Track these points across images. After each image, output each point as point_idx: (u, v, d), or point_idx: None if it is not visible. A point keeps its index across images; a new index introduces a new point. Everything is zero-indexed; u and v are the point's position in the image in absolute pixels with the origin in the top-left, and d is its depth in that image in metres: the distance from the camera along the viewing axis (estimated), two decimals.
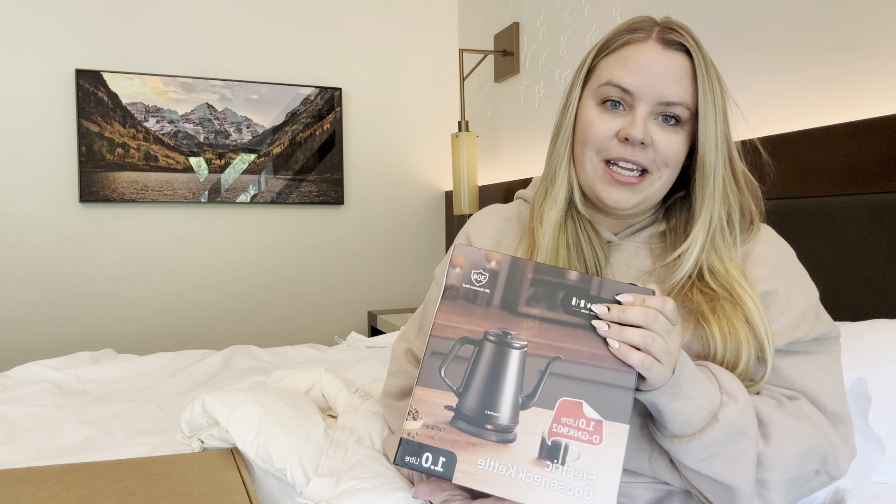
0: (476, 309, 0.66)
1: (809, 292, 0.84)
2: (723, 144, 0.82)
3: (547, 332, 0.66)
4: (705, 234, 0.81)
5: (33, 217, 2.59)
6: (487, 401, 0.64)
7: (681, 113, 0.81)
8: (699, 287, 0.81)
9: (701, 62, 0.80)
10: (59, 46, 2.59)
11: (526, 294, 0.67)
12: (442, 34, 3.19)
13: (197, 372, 1.78)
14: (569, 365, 0.65)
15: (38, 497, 0.86)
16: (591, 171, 0.85)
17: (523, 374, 0.65)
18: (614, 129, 0.82)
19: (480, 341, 0.66)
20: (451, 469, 0.63)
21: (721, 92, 0.82)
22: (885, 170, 1.26)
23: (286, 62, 2.93)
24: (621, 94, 0.82)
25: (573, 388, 0.65)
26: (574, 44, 2.34)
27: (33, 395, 1.55)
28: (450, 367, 0.65)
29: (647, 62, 0.80)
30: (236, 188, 2.84)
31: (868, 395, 0.95)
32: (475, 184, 2.66)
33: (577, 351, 0.65)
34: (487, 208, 1.02)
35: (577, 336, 0.66)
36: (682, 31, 0.82)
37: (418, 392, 0.65)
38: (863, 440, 0.92)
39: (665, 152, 0.81)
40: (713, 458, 0.71)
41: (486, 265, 0.68)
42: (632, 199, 0.83)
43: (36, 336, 2.62)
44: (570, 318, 0.66)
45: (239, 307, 2.90)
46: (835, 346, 0.84)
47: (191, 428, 1.10)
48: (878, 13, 1.32)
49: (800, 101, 1.50)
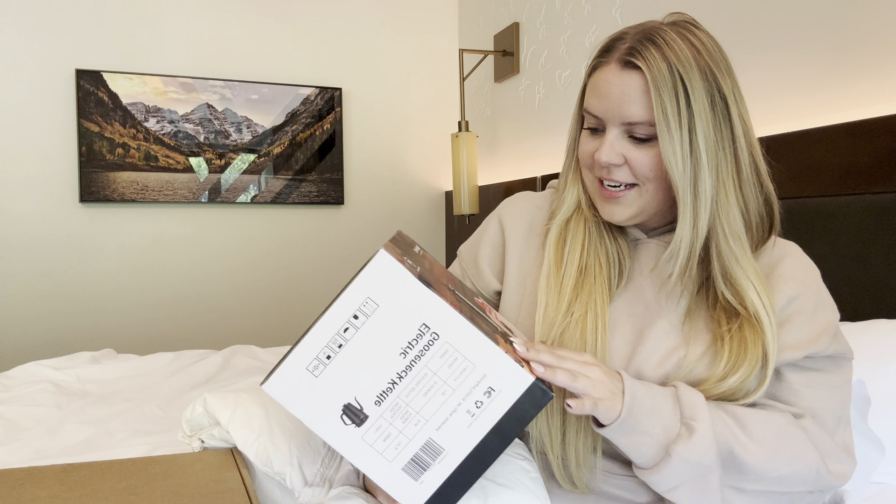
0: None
1: (831, 311, 0.84)
2: (708, 153, 0.78)
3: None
4: (689, 243, 0.80)
5: (33, 217, 2.59)
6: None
7: (646, 130, 0.79)
8: (723, 305, 0.82)
9: (657, 78, 0.76)
10: (59, 46, 2.59)
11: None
12: (442, 34, 3.19)
13: (197, 372, 1.79)
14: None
15: (38, 497, 0.86)
16: (590, 186, 0.88)
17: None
18: (592, 150, 0.85)
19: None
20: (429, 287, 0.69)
21: (704, 98, 0.77)
22: (885, 170, 1.26)
23: (286, 62, 2.93)
24: (595, 120, 0.84)
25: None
26: (574, 44, 2.34)
27: (33, 395, 1.55)
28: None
29: (606, 87, 0.81)
30: (236, 188, 2.84)
31: (867, 397, 0.95)
32: (475, 184, 2.66)
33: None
34: (520, 195, 1.02)
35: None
36: (649, 44, 0.78)
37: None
38: (862, 441, 0.92)
39: (639, 168, 0.81)
40: (679, 487, 0.74)
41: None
42: (624, 213, 0.84)
43: (36, 336, 2.62)
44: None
45: (239, 307, 2.90)
46: (848, 367, 0.84)
47: (192, 427, 1.10)
48: (877, 13, 1.32)
49: (799, 101, 1.50)
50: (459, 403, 0.66)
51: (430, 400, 0.66)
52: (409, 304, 0.66)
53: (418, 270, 0.69)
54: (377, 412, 0.67)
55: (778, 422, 0.77)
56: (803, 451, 0.76)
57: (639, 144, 0.81)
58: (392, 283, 0.66)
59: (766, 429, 0.76)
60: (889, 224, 1.24)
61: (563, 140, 2.43)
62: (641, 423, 0.72)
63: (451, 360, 0.66)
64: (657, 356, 0.82)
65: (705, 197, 0.79)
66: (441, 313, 0.66)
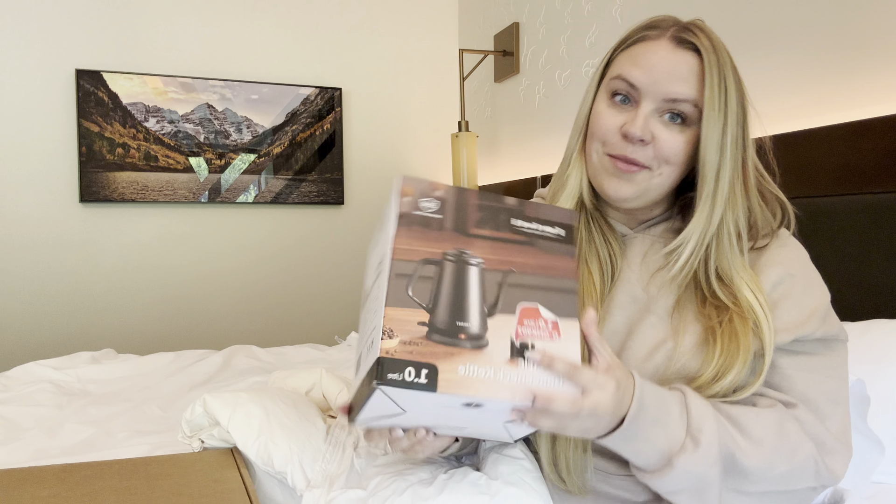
0: (431, 233, 0.71)
1: (820, 293, 0.83)
2: (733, 148, 0.81)
3: (498, 249, 0.72)
4: (700, 234, 0.81)
5: (33, 217, 2.59)
6: (457, 313, 0.69)
7: (687, 110, 0.81)
8: (713, 302, 0.81)
9: (712, 62, 0.80)
10: (59, 46, 2.59)
11: (474, 218, 0.73)
12: (442, 34, 3.19)
13: (197, 372, 1.79)
14: (521, 276, 0.72)
15: (38, 497, 0.86)
16: (597, 161, 0.86)
17: (484, 287, 0.71)
18: (619, 123, 0.83)
19: (441, 261, 0.71)
20: (433, 380, 0.65)
21: (736, 94, 0.81)
22: (885, 170, 1.26)
23: (286, 62, 2.93)
24: (628, 89, 0.82)
25: (528, 294, 0.71)
26: (574, 44, 2.34)
27: (33, 395, 1.55)
28: (416, 286, 0.69)
29: (655, 59, 0.81)
30: (236, 188, 2.84)
31: (867, 396, 0.95)
32: (475, 184, 2.66)
33: (525, 264, 0.72)
34: None
35: (523, 251, 0.73)
36: (698, 31, 0.82)
37: (389, 312, 0.68)
38: (862, 441, 0.92)
39: (665, 150, 0.81)
40: (679, 493, 0.73)
41: (433, 193, 0.73)
42: (630, 191, 0.83)
43: (36, 336, 2.62)
44: (514, 236, 0.73)
45: (239, 307, 2.90)
46: (841, 349, 0.83)
47: (192, 428, 1.10)
48: (877, 12, 1.32)
49: (800, 101, 1.50)
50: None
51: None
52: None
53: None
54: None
55: (772, 418, 0.76)
56: (799, 445, 0.75)
57: (669, 125, 0.81)
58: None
59: (762, 428, 0.75)
60: (889, 224, 1.24)
61: (563, 140, 2.43)
62: (643, 432, 0.71)
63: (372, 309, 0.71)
64: (645, 349, 0.82)
65: (723, 190, 0.81)
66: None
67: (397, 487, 0.82)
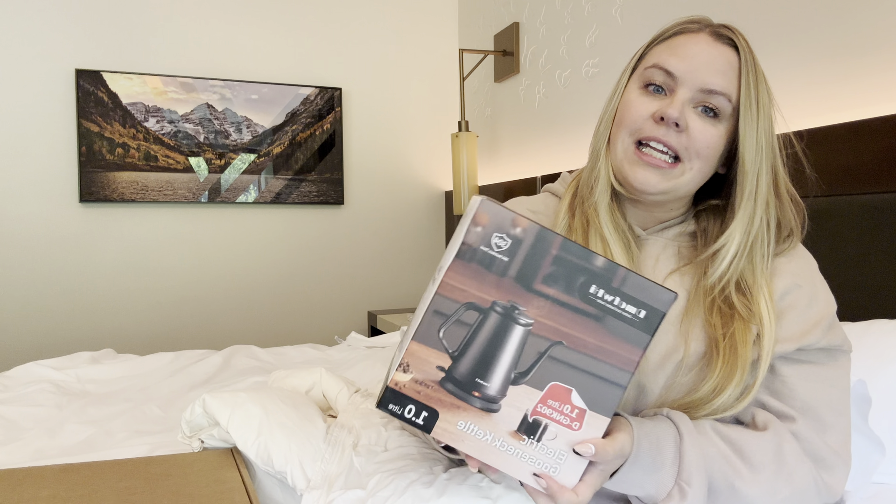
0: (489, 276, 0.63)
1: (825, 304, 0.83)
2: (767, 149, 0.81)
3: (557, 315, 0.64)
4: (743, 234, 0.80)
5: (33, 217, 2.59)
6: (480, 370, 0.64)
7: (721, 104, 0.80)
8: (720, 305, 0.81)
9: (749, 60, 0.80)
10: (59, 46, 2.59)
11: (545, 271, 0.63)
12: (442, 34, 3.19)
13: (197, 372, 1.79)
14: (570, 352, 0.64)
15: (38, 497, 0.86)
16: (622, 151, 0.84)
17: (521, 352, 0.64)
18: (651, 110, 0.81)
19: (487, 310, 0.63)
20: (431, 424, 0.64)
21: (767, 96, 0.81)
22: (885, 170, 1.26)
23: (286, 62, 2.93)
24: (665, 78, 0.82)
25: (567, 374, 0.65)
26: (574, 44, 2.34)
27: (33, 395, 1.55)
28: (450, 329, 0.64)
29: (695, 49, 0.81)
30: (236, 188, 2.84)
31: (868, 397, 0.95)
32: (475, 184, 2.66)
33: (582, 340, 0.64)
34: (513, 200, 1.01)
35: (585, 325, 0.64)
36: (735, 31, 0.83)
37: (413, 346, 0.64)
38: (863, 441, 0.92)
39: (699, 141, 0.80)
40: None
41: (510, 230, 0.63)
42: (659, 184, 0.81)
43: (36, 336, 2.62)
44: (584, 305, 0.64)
45: (239, 307, 2.90)
46: (845, 360, 0.82)
47: (191, 428, 1.10)
48: (877, 13, 1.32)
49: (800, 101, 1.50)
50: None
51: None
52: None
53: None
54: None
55: (771, 440, 0.76)
56: (798, 466, 0.75)
57: (703, 117, 0.81)
58: None
59: (763, 453, 0.75)
60: (889, 224, 1.24)
61: (563, 140, 2.43)
62: (632, 477, 0.72)
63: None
64: (657, 356, 0.81)
65: (763, 191, 0.80)
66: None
67: (397, 487, 0.82)
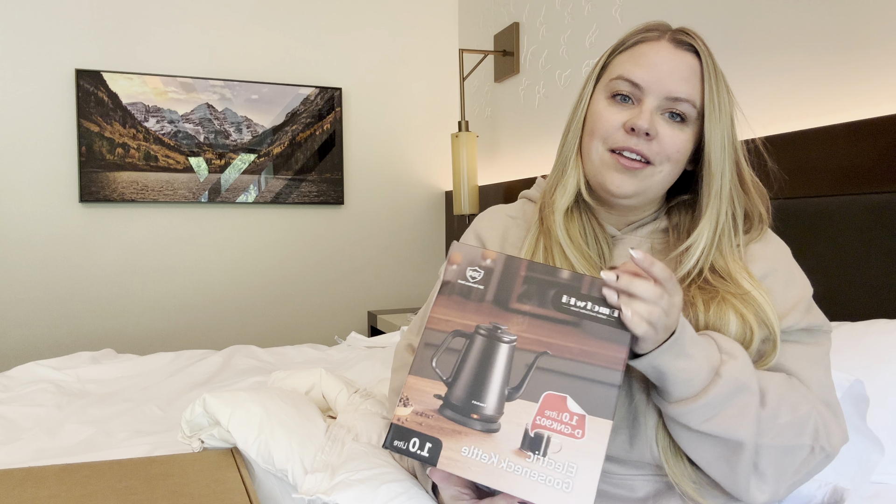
0: (469, 304, 0.69)
1: (802, 287, 0.86)
2: (729, 147, 0.84)
3: (537, 327, 0.68)
4: (711, 231, 0.84)
5: (33, 217, 2.59)
6: (475, 391, 0.67)
7: (687, 110, 0.83)
8: (698, 284, 0.83)
9: (710, 64, 0.84)
10: (59, 46, 2.59)
11: (518, 291, 0.69)
12: (442, 34, 3.19)
13: (197, 372, 1.79)
14: (556, 360, 0.67)
15: (38, 497, 0.86)
16: (597, 159, 0.87)
17: (511, 368, 0.67)
18: (622, 120, 0.84)
19: (472, 334, 0.68)
20: (435, 455, 0.65)
21: (728, 97, 0.85)
22: (885, 170, 1.26)
23: (286, 62, 2.93)
24: (631, 89, 0.85)
25: (559, 382, 0.67)
26: (574, 44, 2.34)
27: (33, 395, 1.55)
28: (441, 358, 0.68)
29: (658, 59, 0.84)
30: (236, 188, 2.84)
31: (866, 397, 0.95)
32: (475, 184, 2.66)
33: (565, 347, 0.67)
34: (492, 208, 1.04)
35: (566, 332, 0.68)
36: (693, 35, 0.86)
37: (411, 380, 0.68)
38: (862, 441, 0.92)
39: (669, 146, 0.83)
40: (719, 415, 0.73)
41: (481, 263, 0.71)
42: (633, 186, 0.84)
43: (36, 336, 2.62)
44: (560, 314, 0.68)
45: (239, 307, 2.90)
46: (825, 339, 0.85)
47: (191, 428, 1.10)
48: (877, 13, 1.32)
49: (799, 101, 1.50)
50: None
51: None
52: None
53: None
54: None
55: (777, 375, 0.79)
56: (803, 400, 0.77)
57: (671, 123, 0.84)
58: None
59: (768, 377, 0.77)
60: (889, 224, 1.24)
61: None
62: (688, 349, 0.71)
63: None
64: None
65: (726, 188, 0.84)
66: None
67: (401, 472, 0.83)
